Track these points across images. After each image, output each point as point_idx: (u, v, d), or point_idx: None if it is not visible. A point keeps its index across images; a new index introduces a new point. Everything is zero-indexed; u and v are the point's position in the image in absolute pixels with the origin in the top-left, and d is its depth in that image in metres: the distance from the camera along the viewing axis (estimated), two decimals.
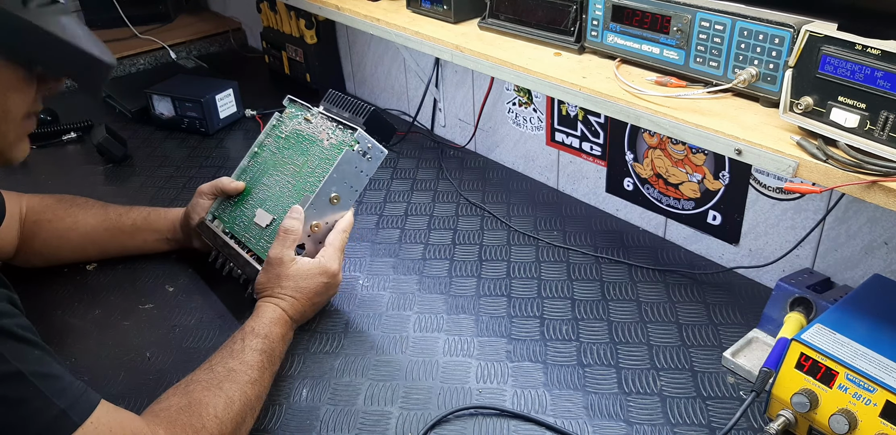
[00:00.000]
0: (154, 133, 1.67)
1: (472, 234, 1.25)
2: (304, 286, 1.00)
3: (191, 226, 1.14)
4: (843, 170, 0.73)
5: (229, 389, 0.84)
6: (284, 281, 0.99)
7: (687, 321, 1.03)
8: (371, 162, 1.05)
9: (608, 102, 0.92)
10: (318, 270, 1.01)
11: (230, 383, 0.84)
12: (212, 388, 0.83)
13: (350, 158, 1.02)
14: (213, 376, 0.85)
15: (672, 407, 0.89)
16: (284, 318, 0.97)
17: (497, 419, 0.89)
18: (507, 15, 1.12)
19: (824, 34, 0.72)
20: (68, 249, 1.14)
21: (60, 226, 1.12)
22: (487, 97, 1.42)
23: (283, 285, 0.99)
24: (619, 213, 1.28)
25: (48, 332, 1.05)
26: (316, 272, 1.01)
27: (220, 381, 0.84)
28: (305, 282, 1.00)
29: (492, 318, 1.05)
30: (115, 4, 2.03)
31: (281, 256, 1.00)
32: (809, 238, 1.00)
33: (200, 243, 1.16)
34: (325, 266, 1.01)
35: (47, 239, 1.12)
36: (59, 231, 1.12)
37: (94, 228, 1.14)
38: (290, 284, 0.99)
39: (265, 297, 0.99)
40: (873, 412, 0.75)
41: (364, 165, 1.04)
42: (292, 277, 1.00)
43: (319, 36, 1.72)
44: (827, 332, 0.81)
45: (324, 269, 1.01)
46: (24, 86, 0.73)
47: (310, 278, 1.00)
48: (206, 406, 0.81)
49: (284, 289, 0.99)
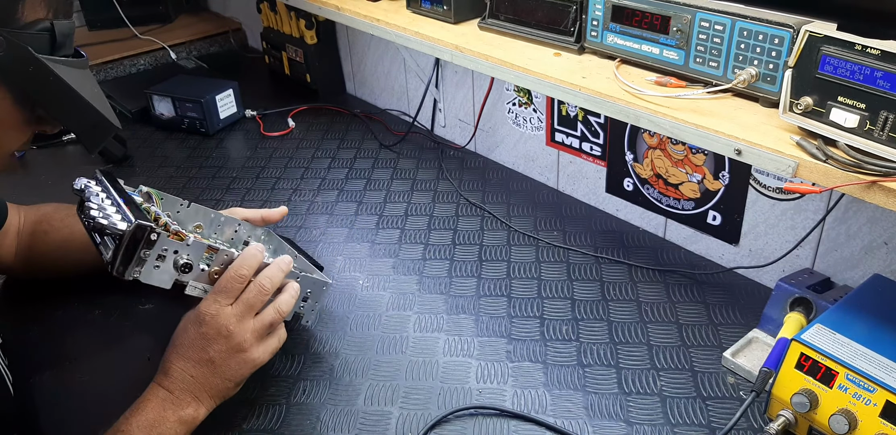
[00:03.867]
0: (154, 133, 1.67)
1: (472, 234, 1.25)
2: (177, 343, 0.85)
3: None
4: (842, 170, 0.73)
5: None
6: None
7: (687, 321, 1.03)
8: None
9: (608, 102, 0.92)
10: (190, 319, 0.86)
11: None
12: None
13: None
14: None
15: (672, 407, 0.89)
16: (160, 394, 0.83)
17: (497, 419, 0.89)
18: (506, 15, 1.12)
19: (824, 34, 0.72)
20: (67, 261, 1.10)
21: (58, 237, 1.09)
22: (487, 97, 1.42)
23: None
24: (619, 214, 1.28)
25: (48, 332, 1.06)
26: (187, 322, 0.86)
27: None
28: (178, 338, 0.86)
29: (492, 318, 1.05)
30: (115, 4, 2.03)
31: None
32: (809, 238, 1.00)
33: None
34: (196, 310, 0.86)
35: (46, 251, 1.08)
36: (58, 242, 1.08)
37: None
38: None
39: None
40: (873, 412, 0.75)
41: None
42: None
43: (319, 36, 1.72)
44: (827, 332, 0.81)
45: (194, 315, 0.86)
46: (23, 126, 0.74)
47: (180, 334, 0.86)
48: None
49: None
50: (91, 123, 0.76)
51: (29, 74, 0.68)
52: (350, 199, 1.37)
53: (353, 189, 1.41)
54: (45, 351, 1.02)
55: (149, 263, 0.85)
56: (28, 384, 0.95)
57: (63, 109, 0.73)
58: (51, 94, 0.71)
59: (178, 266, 0.86)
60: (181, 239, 0.86)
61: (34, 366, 0.98)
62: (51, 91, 0.70)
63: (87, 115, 0.74)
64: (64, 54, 0.72)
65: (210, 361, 0.84)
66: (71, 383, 0.96)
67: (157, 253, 0.85)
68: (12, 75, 0.68)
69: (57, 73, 0.69)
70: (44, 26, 0.69)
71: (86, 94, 0.73)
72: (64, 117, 0.74)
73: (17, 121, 0.73)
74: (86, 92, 0.73)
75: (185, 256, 0.86)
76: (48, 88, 0.70)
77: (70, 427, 0.91)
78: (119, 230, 0.83)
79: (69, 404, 0.93)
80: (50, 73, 0.69)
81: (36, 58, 0.68)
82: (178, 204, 1.01)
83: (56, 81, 0.70)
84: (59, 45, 0.71)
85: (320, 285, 0.98)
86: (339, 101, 1.78)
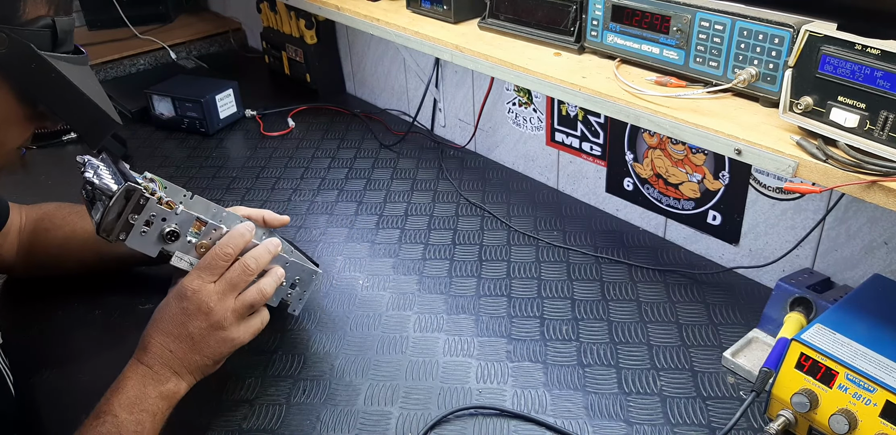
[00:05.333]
0: (154, 133, 1.67)
1: (472, 234, 1.25)
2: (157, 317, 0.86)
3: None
4: (842, 170, 0.73)
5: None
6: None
7: (687, 321, 1.03)
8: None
9: (608, 102, 0.92)
10: (172, 294, 0.87)
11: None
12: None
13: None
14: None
15: (672, 407, 0.89)
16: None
17: (497, 419, 0.89)
18: (506, 15, 1.12)
19: (824, 34, 0.72)
20: (68, 259, 1.10)
21: (59, 235, 1.09)
22: (487, 97, 1.42)
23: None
24: (619, 214, 1.28)
25: (48, 332, 1.06)
26: (170, 296, 0.86)
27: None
28: (159, 313, 0.86)
29: (492, 318, 1.05)
30: (115, 4, 2.03)
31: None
32: (809, 238, 1.00)
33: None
34: (179, 285, 0.86)
35: (47, 249, 1.09)
36: (58, 240, 1.09)
37: (91, 235, 1.13)
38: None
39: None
40: (873, 412, 0.75)
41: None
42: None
43: (319, 36, 1.72)
44: (827, 332, 0.81)
45: (176, 290, 0.86)
46: (25, 122, 0.75)
47: (162, 308, 0.86)
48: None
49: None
50: (92, 119, 0.76)
51: (31, 70, 0.69)
52: (350, 199, 1.37)
53: (353, 189, 1.41)
54: (45, 351, 1.02)
55: (136, 228, 0.86)
56: (28, 384, 0.95)
57: (64, 105, 0.73)
58: (52, 90, 0.71)
59: (164, 234, 0.87)
60: (170, 208, 0.87)
61: (34, 366, 0.98)
62: (52, 87, 0.71)
63: (89, 111, 0.75)
64: (65, 51, 0.72)
65: (189, 337, 0.84)
66: (71, 383, 0.96)
67: (146, 218, 0.86)
68: (14, 71, 0.69)
69: (58, 69, 0.70)
70: (45, 23, 0.69)
71: (87, 90, 0.74)
72: (65, 113, 0.75)
73: (20, 117, 0.73)
74: (87, 88, 0.74)
75: (172, 225, 0.87)
76: (50, 84, 0.71)
77: (70, 427, 0.90)
78: (110, 191, 0.84)
79: (69, 404, 0.93)
80: (52, 70, 0.70)
81: (38, 54, 0.69)
82: (181, 194, 1.02)
83: (58, 77, 0.71)
84: (60, 42, 0.71)
85: (309, 273, 0.99)
86: (339, 100, 1.78)
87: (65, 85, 0.71)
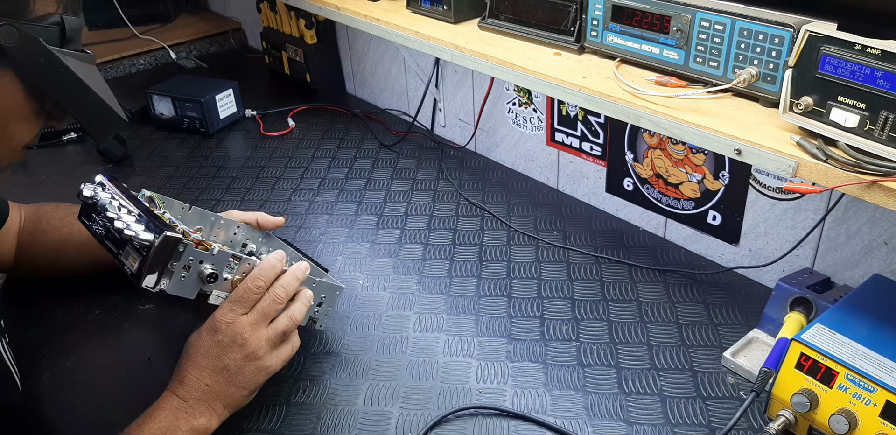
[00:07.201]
0: (154, 133, 1.67)
1: (472, 234, 1.25)
2: (191, 352, 0.85)
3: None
4: (842, 170, 0.73)
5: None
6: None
7: (687, 321, 1.03)
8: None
9: (608, 102, 0.92)
10: (204, 327, 0.86)
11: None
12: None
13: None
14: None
15: (672, 407, 0.89)
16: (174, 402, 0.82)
17: (497, 419, 0.89)
18: (506, 15, 1.12)
19: (824, 34, 0.72)
20: (65, 261, 1.10)
21: (56, 236, 1.09)
22: (487, 97, 1.42)
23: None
24: (619, 213, 1.28)
25: (48, 332, 1.05)
26: (202, 330, 0.86)
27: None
28: (192, 347, 0.85)
29: (492, 318, 1.05)
30: (115, 4, 2.03)
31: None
32: (809, 238, 1.00)
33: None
34: (212, 319, 0.86)
35: (45, 250, 1.09)
36: (55, 243, 1.08)
37: (88, 238, 1.12)
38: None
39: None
40: (873, 412, 0.75)
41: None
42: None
43: (319, 36, 1.72)
44: (827, 332, 0.81)
45: (209, 324, 0.86)
46: (33, 117, 0.75)
47: (195, 342, 0.85)
48: None
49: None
50: (99, 115, 0.78)
51: (40, 65, 0.70)
52: (350, 199, 1.37)
53: (352, 189, 1.41)
54: (45, 351, 1.02)
55: (175, 274, 0.83)
56: (28, 384, 0.95)
57: (72, 100, 0.75)
58: (61, 85, 0.73)
59: (205, 276, 0.85)
60: (206, 249, 0.85)
61: (34, 366, 0.98)
62: (61, 81, 0.72)
63: (96, 106, 0.76)
64: (73, 49, 0.74)
65: (225, 369, 0.84)
66: (71, 383, 0.96)
67: (185, 263, 0.84)
68: (25, 65, 0.70)
69: (67, 64, 0.72)
70: (54, 20, 0.71)
71: (94, 86, 0.75)
72: (73, 108, 0.76)
73: (29, 111, 0.74)
74: (94, 85, 0.75)
75: (210, 266, 0.86)
76: (58, 79, 0.72)
77: (70, 427, 0.91)
78: (146, 241, 0.81)
79: (69, 404, 0.93)
80: (60, 65, 0.71)
81: (47, 49, 0.70)
82: (179, 207, 1.01)
83: (66, 72, 0.72)
84: (68, 40, 0.73)
85: (334, 290, 0.99)
86: (339, 100, 1.78)
87: (73, 80, 0.73)
